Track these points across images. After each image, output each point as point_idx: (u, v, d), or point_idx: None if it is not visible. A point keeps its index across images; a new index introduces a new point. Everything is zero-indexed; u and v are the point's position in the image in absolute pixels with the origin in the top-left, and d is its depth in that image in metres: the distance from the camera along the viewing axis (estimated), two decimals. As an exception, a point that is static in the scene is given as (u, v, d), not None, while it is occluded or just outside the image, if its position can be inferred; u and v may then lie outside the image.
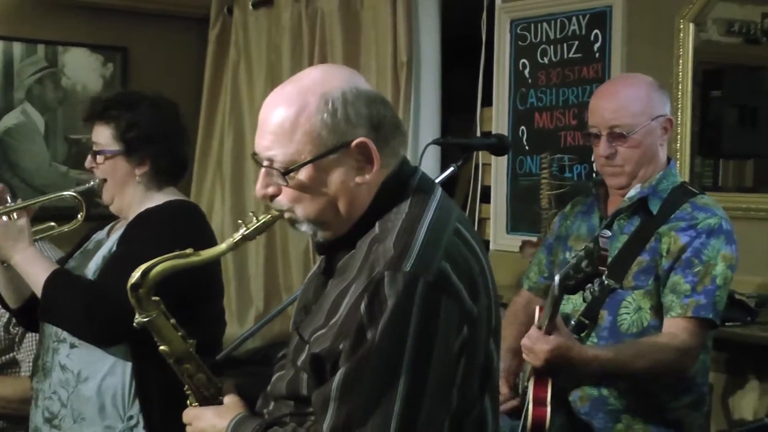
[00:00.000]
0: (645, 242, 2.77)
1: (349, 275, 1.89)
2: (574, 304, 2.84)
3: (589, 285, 2.45)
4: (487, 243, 5.06)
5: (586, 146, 4.41)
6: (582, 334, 2.79)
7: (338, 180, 1.90)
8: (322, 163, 1.88)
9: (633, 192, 2.83)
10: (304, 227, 1.95)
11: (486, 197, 5.10)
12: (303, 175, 1.88)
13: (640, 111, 2.81)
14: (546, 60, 4.69)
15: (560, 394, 2.74)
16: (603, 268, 2.32)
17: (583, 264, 2.36)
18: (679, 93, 4.08)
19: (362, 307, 1.79)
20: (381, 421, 1.77)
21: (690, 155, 4.10)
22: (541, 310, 2.73)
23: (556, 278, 2.47)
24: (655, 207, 2.81)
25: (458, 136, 4.62)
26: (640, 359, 2.66)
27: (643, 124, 2.80)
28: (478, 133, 5.04)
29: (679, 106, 4.08)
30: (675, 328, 2.70)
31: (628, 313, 2.77)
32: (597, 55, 4.44)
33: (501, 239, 4.91)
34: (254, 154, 1.96)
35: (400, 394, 1.76)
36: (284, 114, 1.88)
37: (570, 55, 4.58)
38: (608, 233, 2.40)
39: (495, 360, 1.97)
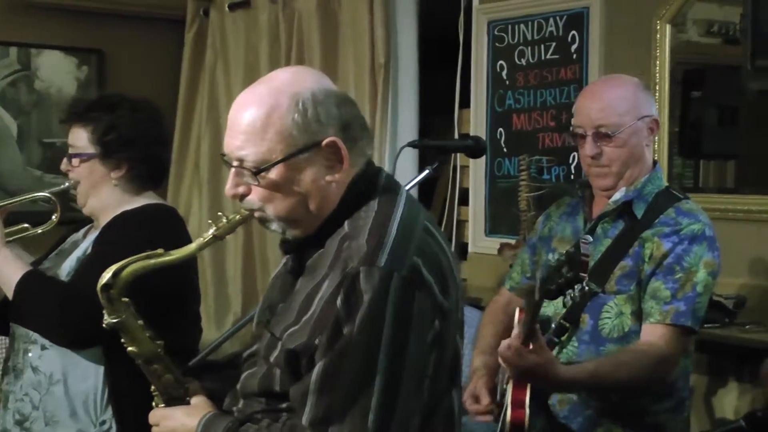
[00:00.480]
0: (628, 247, 2.78)
1: (320, 273, 1.95)
2: (555, 306, 2.85)
3: (570, 291, 2.46)
4: (465, 245, 5.08)
5: (565, 148, 4.50)
6: (563, 338, 2.80)
7: (309, 179, 1.95)
8: (293, 162, 1.93)
9: (618, 195, 2.83)
10: (274, 226, 2.01)
11: (464, 200, 5.10)
12: (274, 174, 1.94)
13: (626, 111, 2.81)
14: (523, 61, 4.70)
15: (539, 397, 2.74)
16: (584, 275, 2.32)
17: (564, 269, 2.36)
18: (657, 94, 4.08)
19: (339, 301, 1.85)
20: (360, 413, 1.83)
21: (668, 156, 4.12)
22: (521, 312, 2.74)
23: (537, 282, 2.48)
24: (639, 211, 2.81)
25: (436, 138, 4.66)
26: (619, 372, 2.65)
27: (629, 123, 2.80)
28: (456, 135, 5.05)
29: (657, 107, 4.06)
30: (653, 335, 2.70)
31: (609, 318, 2.77)
32: (574, 56, 4.46)
33: (480, 242, 4.93)
34: (223, 155, 2.00)
35: (378, 385, 1.83)
36: (256, 114, 1.93)
37: (547, 57, 4.59)
38: (590, 239, 2.40)
39: (461, 356, 2.06)
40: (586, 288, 2.47)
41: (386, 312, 1.84)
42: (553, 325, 2.81)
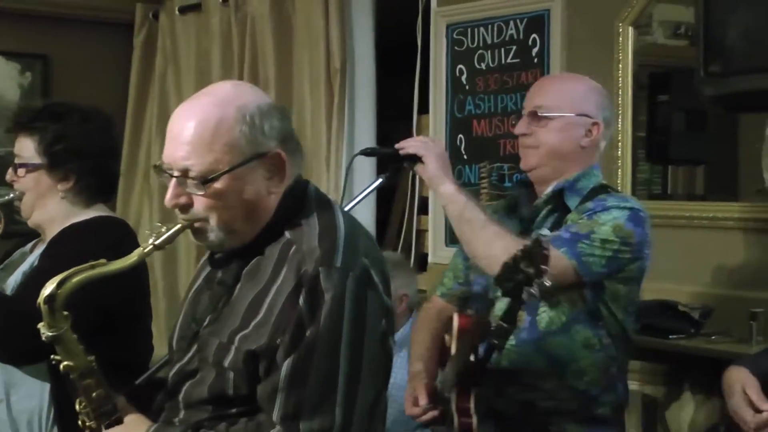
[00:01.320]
0: None
1: (262, 278, 2.06)
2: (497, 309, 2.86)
3: (528, 287, 2.46)
4: (425, 256, 5.07)
5: (527, 154, 4.49)
6: (502, 340, 2.76)
7: (252, 189, 2.05)
8: (239, 173, 2.03)
9: (551, 188, 2.88)
10: (213, 237, 2.08)
11: (424, 208, 5.10)
12: (220, 184, 2.02)
13: (568, 101, 2.87)
14: (483, 66, 4.70)
15: (485, 402, 2.75)
16: (546, 268, 2.35)
17: (523, 264, 2.38)
18: (620, 98, 4.09)
19: (300, 301, 1.97)
20: (328, 407, 1.96)
21: (632, 162, 4.12)
22: (460, 317, 2.76)
23: (492, 280, 2.52)
24: (573, 203, 2.85)
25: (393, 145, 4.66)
26: (483, 233, 2.72)
27: (565, 113, 2.86)
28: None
29: (620, 111, 4.09)
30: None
31: (545, 311, 2.80)
32: (536, 60, 4.46)
33: (440, 251, 4.91)
34: (158, 166, 2.08)
35: (342, 380, 1.97)
36: (203, 125, 2.01)
37: (508, 61, 4.59)
38: (548, 233, 2.44)
39: (393, 356, 2.19)
40: (548, 283, 2.48)
41: (345, 310, 1.98)
42: (492, 328, 2.80)
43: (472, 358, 2.66)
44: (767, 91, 2.12)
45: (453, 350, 2.75)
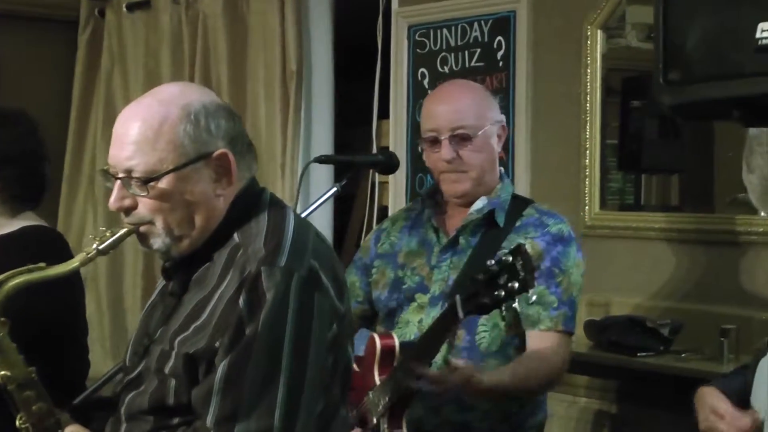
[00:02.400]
0: (493, 253, 2.84)
1: (209, 284, 2.08)
2: (433, 317, 2.87)
3: (509, 302, 2.48)
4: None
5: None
6: (438, 357, 2.81)
7: (198, 190, 2.08)
8: (183, 173, 2.06)
9: (480, 204, 2.94)
10: (159, 243, 2.11)
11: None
12: (164, 184, 2.05)
13: (481, 114, 2.94)
14: (446, 69, 4.69)
15: (416, 424, 2.79)
16: (532, 281, 2.39)
17: (503, 279, 2.40)
18: (588, 104, 4.11)
19: (241, 302, 1.98)
20: (266, 410, 1.96)
21: (600, 171, 4.13)
22: (382, 338, 2.81)
23: (457, 299, 2.51)
24: (501, 219, 2.93)
25: (349, 153, 4.65)
26: (532, 380, 2.80)
27: (485, 126, 2.93)
28: (375, 149, 5.04)
29: (588, 117, 4.12)
30: (551, 342, 2.83)
31: (486, 331, 2.86)
32: (501, 63, 4.46)
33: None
34: (103, 170, 2.11)
35: (282, 383, 1.96)
36: (147, 124, 2.05)
37: (472, 64, 4.59)
38: (525, 244, 2.45)
39: (352, 364, 2.22)
40: (534, 298, 2.52)
41: (289, 310, 1.98)
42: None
43: (410, 383, 2.65)
44: (728, 100, 2.12)
45: (377, 373, 2.78)
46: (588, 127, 4.13)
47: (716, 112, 2.34)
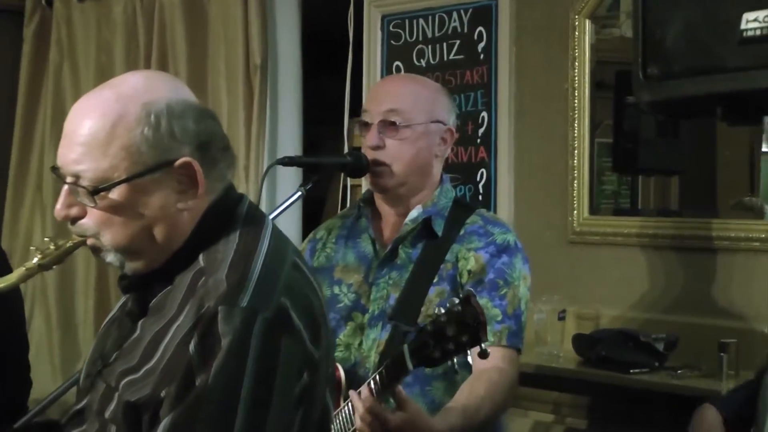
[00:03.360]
0: (436, 268, 2.85)
1: (167, 313, 1.92)
2: (374, 340, 2.86)
3: (459, 356, 2.45)
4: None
5: (472, 164, 4.49)
6: None
7: (157, 203, 1.93)
8: (139, 183, 1.91)
9: (416, 213, 2.92)
10: (111, 257, 1.97)
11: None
12: (116, 195, 1.91)
13: (421, 106, 2.92)
14: (423, 62, 4.68)
15: None
16: (484, 335, 2.34)
17: (450, 331, 2.36)
18: (576, 99, 4.12)
19: (192, 346, 1.82)
20: None
21: (589, 171, 4.13)
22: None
23: (405, 349, 2.46)
24: (439, 228, 2.92)
25: (326, 152, 4.62)
26: (485, 407, 2.74)
27: (421, 121, 2.90)
28: (346, 148, 5.02)
29: (576, 115, 4.12)
30: (494, 359, 2.77)
31: None
32: (482, 56, 4.46)
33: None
34: (55, 168, 1.96)
35: None
36: (99, 123, 1.89)
37: (451, 57, 4.59)
38: (474, 292, 2.42)
39: (331, 415, 2.07)
40: (487, 351, 2.47)
41: (248, 360, 1.81)
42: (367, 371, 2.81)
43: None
44: (711, 96, 2.11)
45: None
46: (576, 125, 4.13)
47: (698, 109, 2.35)
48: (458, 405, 2.72)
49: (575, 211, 4.15)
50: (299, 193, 2.91)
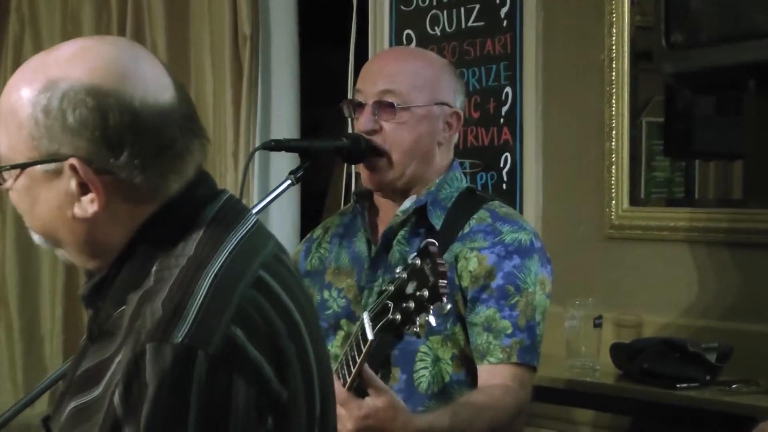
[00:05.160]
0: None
1: (116, 340, 1.81)
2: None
3: (423, 315, 2.41)
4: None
5: (494, 147, 4.49)
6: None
7: (50, 205, 1.87)
8: (34, 174, 1.85)
9: (408, 203, 2.92)
10: (35, 237, 1.95)
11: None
12: (13, 179, 1.87)
13: (422, 86, 2.91)
14: (438, 30, 4.68)
15: None
16: (444, 287, 2.31)
17: (410, 288, 2.35)
18: (613, 73, 4.10)
19: (117, 396, 1.70)
20: None
21: (629, 158, 4.11)
22: None
23: (365, 318, 2.46)
24: (437, 220, 2.90)
25: (327, 135, 4.61)
26: (478, 421, 2.71)
27: (422, 103, 2.89)
28: (350, 130, 5.01)
29: (613, 90, 4.11)
30: (503, 377, 2.79)
31: (426, 368, 2.84)
32: (505, 22, 4.46)
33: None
34: None
35: None
36: (12, 96, 1.85)
37: (470, 24, 4.59)
38: (435, 242, 2.40)
39: None
40: (449, 306, 2.44)
41: (188, 410, 1.69)
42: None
43: None
44: (742, 66, 2.08)
45: None
46: (614, 102, 4.12)
47: (728, 81, 2.32)
48: (448, 409, 2.72)
49: (613, 202, 4.13)
50: (288, 182, 2.87)
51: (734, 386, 3.57)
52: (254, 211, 2.91)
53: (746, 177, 4.27)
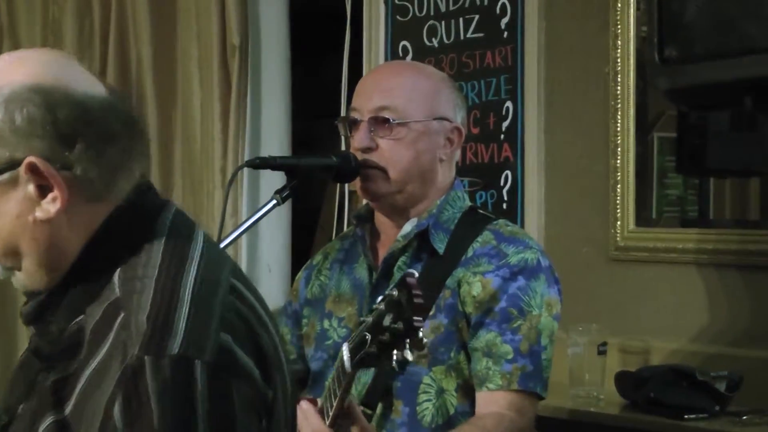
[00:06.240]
0: (434, 297, 2.83)
1: (76, 357, 1.85)
2: (364, 384, 2.87)
3: (398, 351, 2.41)
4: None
5: (494, 164, 4.48)
6: None
7: (10, 215, 1.91)
8: None
9: (409, 227, 2.91)
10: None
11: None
12: None
13: (420, 101, 2.92)
14: (435, 42, 4.68)
15: None
16: (419, 320, 2.28)
17: (387, 320, 2.33)
18: (618, 86, 4.10)
19: (116, 411, 1.73)
20: None
21: (635, 177, 4.11)
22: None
23: (344, 349, 2.45)
24: (440, 244, 2.91)
25: (321, 151, 4.59)
26: None
27: (420, 118, 2.91)
28: (344, 145, 5.01)
29: (619, 105, 4.11)
30: (498, 406, 2.78)
31: (429, 400, 2.83)
32: (505, 33, 4.46)
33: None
34: None
35: None
36: None
37: (468, 35, 4.59)
38: (415, 273, 2.38)
39: None
40: (425, 341, 2.43)
41: (196, 419, 1.75)
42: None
43: None
44: (738, 83, 2.07)
45: None
46: (619, 117, 4.12)
47: (724, 98, 2.31)
48: None
49: (618, 222, 4.12)
50: (273, 202, 2.88)
51: (745, 417, 3.58)
52: (240, 230, 2.91)
53: (764, 195, 4.26)
